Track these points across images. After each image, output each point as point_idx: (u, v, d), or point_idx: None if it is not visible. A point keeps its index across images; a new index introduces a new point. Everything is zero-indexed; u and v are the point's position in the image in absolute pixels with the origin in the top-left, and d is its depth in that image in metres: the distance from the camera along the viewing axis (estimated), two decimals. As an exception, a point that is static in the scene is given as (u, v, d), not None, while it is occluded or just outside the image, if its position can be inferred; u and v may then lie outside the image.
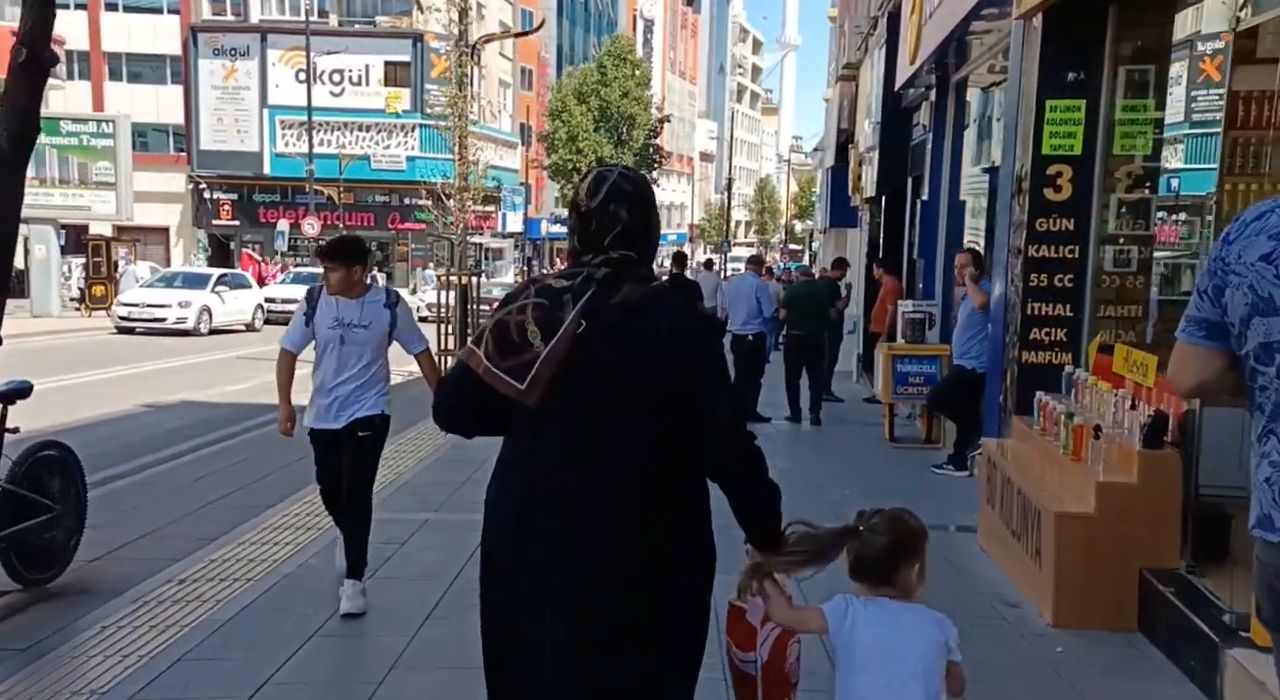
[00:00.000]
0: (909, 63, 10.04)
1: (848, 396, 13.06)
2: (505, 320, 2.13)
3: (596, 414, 2.09)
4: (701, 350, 2.14)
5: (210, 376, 14.73)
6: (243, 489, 7.02)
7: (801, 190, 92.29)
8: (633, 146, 31.91)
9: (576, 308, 2.09)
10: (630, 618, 2.10)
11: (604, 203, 2.16)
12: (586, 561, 2.08)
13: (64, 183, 24.06)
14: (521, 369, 2.07)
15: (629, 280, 2.14)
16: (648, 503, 2.10)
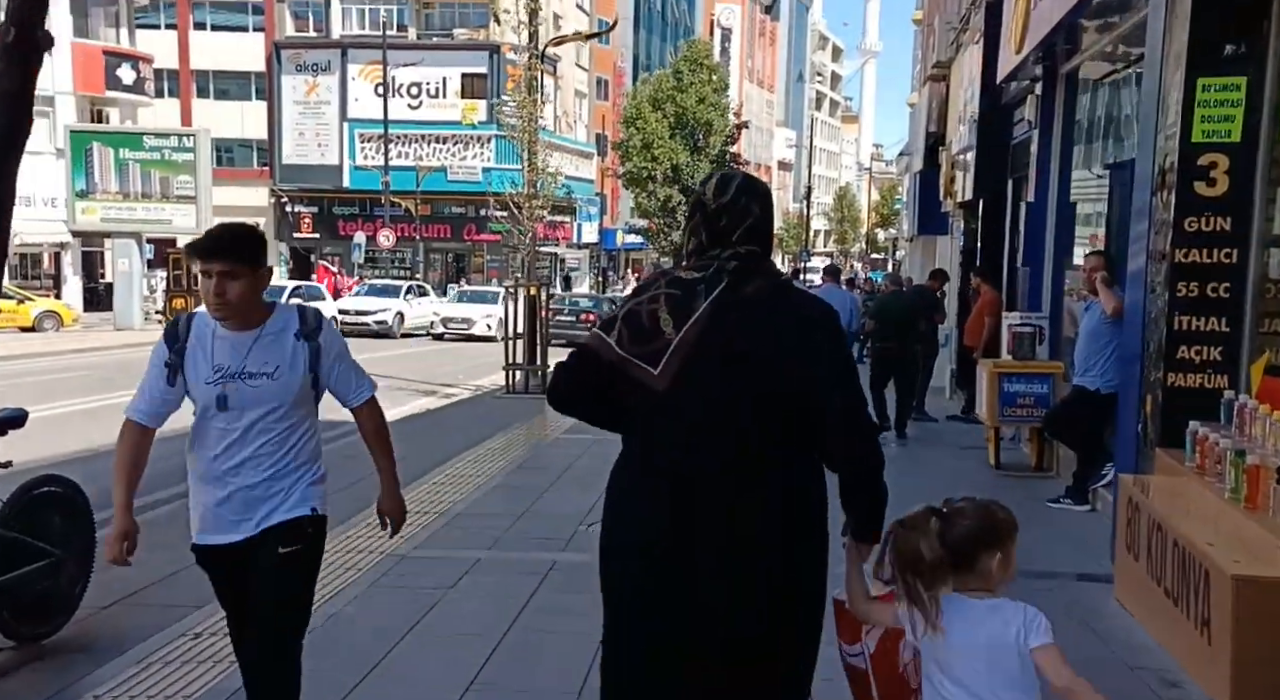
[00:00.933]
0: (1014, 52, 9.14)
1: (942, 414, 12.13)
2: (637, 309, 2.22)
3: (725, 401, 2.16)
4: (828, 343, 2.21)
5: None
6: (284, 520, 6.46)
7: (883, 198, 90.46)
8: (709, 153, 31.16)
9: (709, 298, 2.16)
10: (756, 584, 2.18)
11: (735, 198, 2.24)
12: (713, 544, 2.17)
13: (146, 197, 24.31)
14: (654, 355, 2.17)
15: (758, 274, 2.22)
16: (771, 507, 2.17)
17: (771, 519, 2.17)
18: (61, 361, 17.71)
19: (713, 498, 2.17)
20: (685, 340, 2.16)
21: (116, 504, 3.02)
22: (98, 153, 24.08)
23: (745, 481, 2.17)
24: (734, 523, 2.16)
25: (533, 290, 13.72)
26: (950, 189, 15.53)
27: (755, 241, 2.25)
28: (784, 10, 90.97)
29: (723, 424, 2.16)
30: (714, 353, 2.15)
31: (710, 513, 2.17)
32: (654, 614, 2.21)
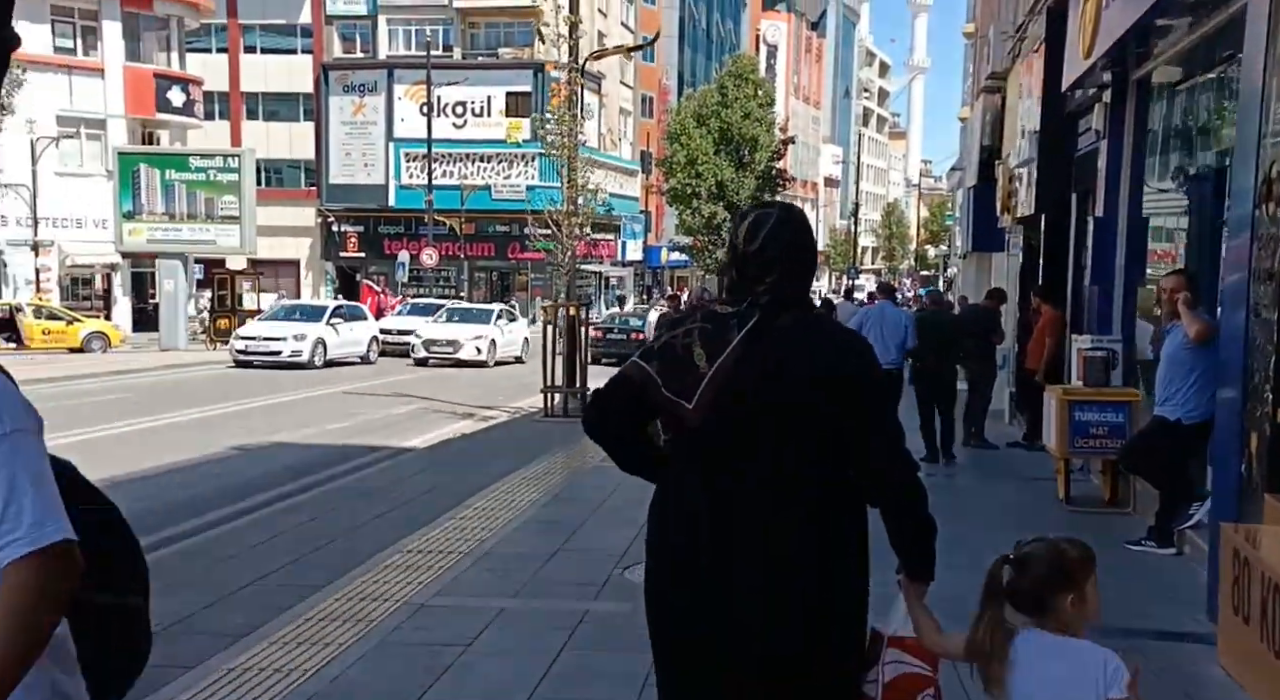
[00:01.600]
0: (1082, 56, 8.55)
1: (1002, 440, 11.48)
2: (672, 343, 2.25)
3: (760, 436, 2.17)
4: (863, 376, 2.21)
5: (314, 413, 14.14)
6: (298, 561, 6.05)
7: (933, 214, 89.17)
8: (754, 169, 30.53)
9: (742, 333, 2.19)
10: (792, 602, 2.17)
11: (762, 248, 2.25)
12: (750, 561, 2.17)
13: (191, 217, 24.38)
14: (688, 389, 2.18)
15: (791, 308, 2.23)
16: (806, 525, 2.17)
17: (807, 537, 2.18)
18: (100, 384, 17.64)
19: (749, 514, 2.18)
20: (719, 373, 2.18)
21: None
22: (144, 174, 24.19)
23: (781, 499, 2.17)
24: (769, 540, 2.17)
25: (572, 310, 13.29)
26: (1008, 204, 14.85)
27: (788, 281, 2.25)
28: (830, 26, 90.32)
29: (756, 445, 2.17)
30: (747, 383, 2.17)
31: (747, 529, 2.18)
32: (692, 628, 2.22)
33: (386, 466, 9.71)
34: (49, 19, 30.16)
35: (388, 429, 12.78)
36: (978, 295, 23.21)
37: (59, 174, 29.82)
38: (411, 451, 10.97)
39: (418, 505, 7.74)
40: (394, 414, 14.25)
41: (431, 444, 11.48)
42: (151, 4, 31.87)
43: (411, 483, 8.69)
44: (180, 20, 33.42)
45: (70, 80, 30.53)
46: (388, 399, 16.05)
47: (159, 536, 6.72)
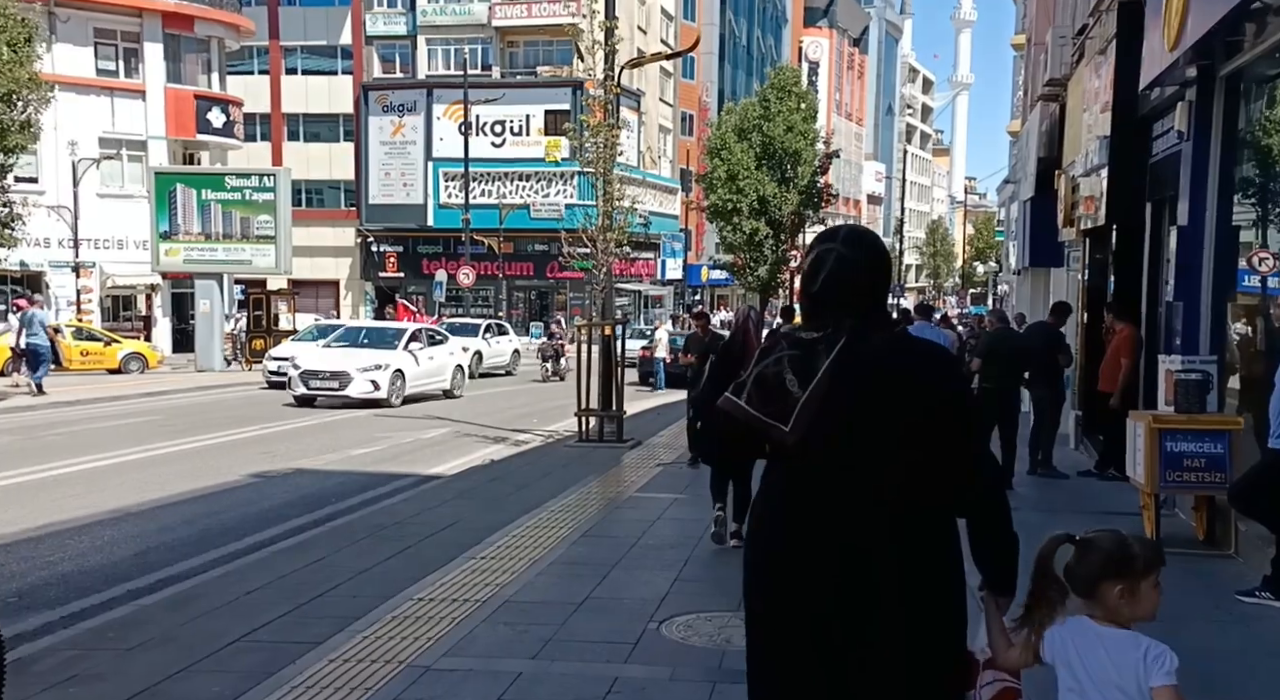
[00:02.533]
0: (1168, 48, 7.76)
1: (1071, 469, 10.63)
2: (764, 373, 2.31)
3: (854, 455, 2.22)
4: (950, 392, 2.27)
5: (340, 436, 13.60)
6: (296, 610, 5.41)
7: (979, 231, 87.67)
8: (797, 184, 29.68)
9: (831, 356, 2.24)
10: (893, 632, 2.21)
11: (823, 290, 2.31)
12: (851, 595, 2.21)
13: (227, 237, 24.14)
14: (784, 413, 2.24)
15: (874, 328, 2.28)
16: (901, 539, 2.21)
17: (903, 553, 2.22)
18: (130, 406, 17.27)
19: (847, 527, 2.23)
20: (812, 397, 2.23)
21: None
22: (181, 194, 24.02)
23: (878, 514, 2.23)
24: (866, 553, 2.22)
25: (607, 330, 12.63)
26: (1070, 216, 13.99)
27: (863, 306, 2.30)
28: (872, 43, 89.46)
29: (853, 463, 2.23)
30: (842, 404, 2.22)
31: (845, 540, 2.23)
32: (817, 678, 2.25)
33: (409, 497, 9.09)
34: (92, 42, 30.34)
35: (415, 454, 12.20)
36: (1034, 312, 22.25)
37: (100, 195, 29.89)
38: (437, 479, 10.34)
39: (436, 543, 7.09)
40: (423, 438, 13.67)
41: (459, 471, 10.86)
42: (193, 26, 31.95)
43: (432, 516, 8.05)
44: (221, 42, 33.50)
45: (112, 102, 30.66)
46: (418, 422, 15.49)
47: (149, 580, 6.15)
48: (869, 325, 2.27)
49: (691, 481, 9.72)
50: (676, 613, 5.35)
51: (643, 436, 12.93)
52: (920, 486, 2.21)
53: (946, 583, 2.26)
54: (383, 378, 17.36)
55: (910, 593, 2.20)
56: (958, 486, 2.24)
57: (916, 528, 2.22)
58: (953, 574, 2.28)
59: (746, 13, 60.69)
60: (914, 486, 2.20)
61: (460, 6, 43.62)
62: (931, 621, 2.23)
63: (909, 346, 2.30)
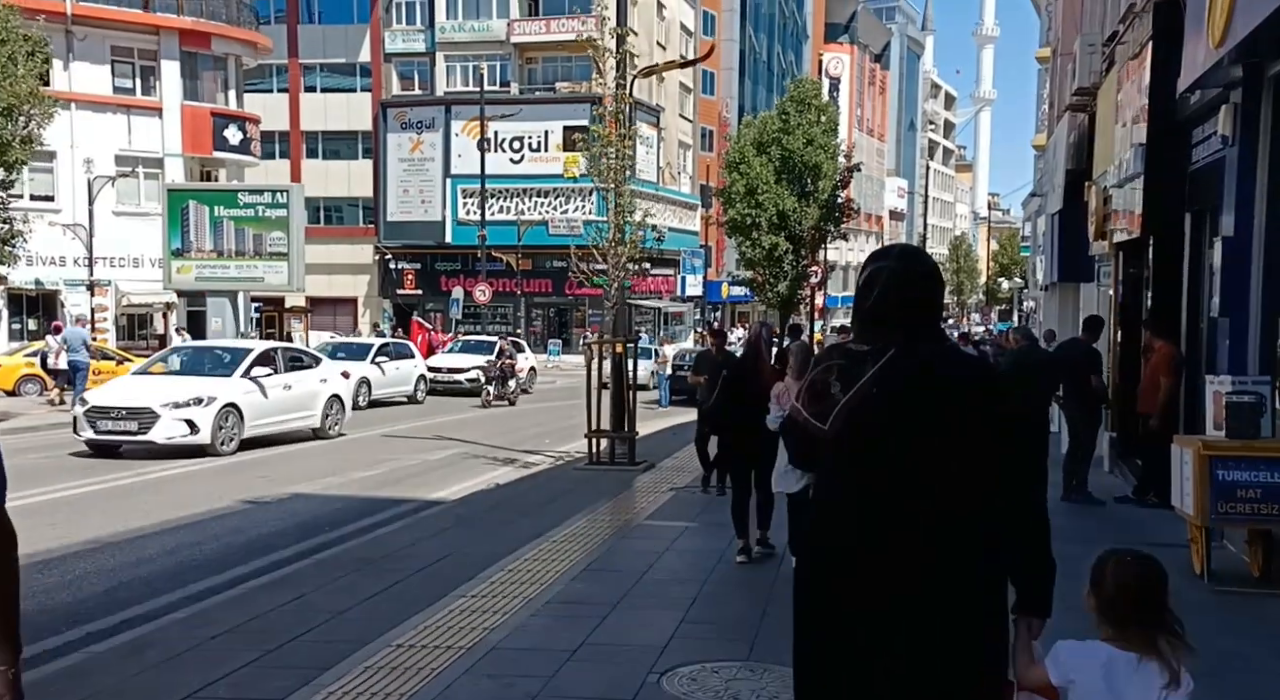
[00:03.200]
0: (1212, 45, 7.23)
1: (1108, 494, 10.04)
2: (815, 378, 2.43)
3: (898, 462, 2.26)
4: (992, 407, 2.29)
5: (345, 459, 13.17)
6: (260, 660, 4.91)
7: (1003, 247, 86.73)
8: (818, 198, 29.07)
9: (876, 366, 2.31)
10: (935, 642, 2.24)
11: (874, 306, 2.37)
12: (898, 594, 2.24)
13: (240, 254, 23.88)
14: (824, 414, 2.36)
15: (920, 342, 2.34)
16: (935, 549, 2.23)
17: (936, 558, 2.24)
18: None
19: (882, 524, 2.27)
20: (851, 402, 2.30)
21: None
22: (193, 211, 23.81)
23: (910, 518, 2.25)
24: (900, 556, 2.25)
25: (619, 348, 12.16)
26: (1102, 229, 13.41)
27: (915, 321, 2.35)
28: (894, 58, 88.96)
29: (897, 483, 2.26)
30: (882, 414, 2.27)
31: (909, 586, 2.24)
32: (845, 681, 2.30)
33: (405, 525, 8.62)
34: (109, 60, 30.31)
35: (419, 477, 11.74)
36: (1062, 329, 21.58)
37: (117, 213, 29.77)
38: (438, 505, 9.89)
39: (425, 579, 6.61)
40: (429, 460, 13.22)
41: (461, 496, 10.39)
42: (209, 43, 31.89)
43: (425, 547, 7.58)
44: (238, 59, 33.44)
45: (129, 120, 30.59)
46: (426, 443, 15.05)
47: (112, 621, 5.71)
48: (917, 339, 2.32)
49: (704, 508, 9.22)
50: (680, 662, 4.84)
51: (656, 458, 12.43)
52: (956, 498, 2.24)
53: (978, 599, 2.25)
54: (205, 417, 12.87)
55: (940, 605, 2.21)
56: (996, 501, 2.26)
57: (953, 540, 2.23)
58: (986, 591, 2.27)
59: (767, 28, 60.39)
60: (949, 498, 2.23)
61: (479, 23, 43.52)
62: (959, 637, 2.22)
63: (955, 361, 2.34)
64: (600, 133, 12.01)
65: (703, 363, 10.36)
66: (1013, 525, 2.28)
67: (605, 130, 11.90)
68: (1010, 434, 2.29)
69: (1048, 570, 2.32)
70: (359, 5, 44.64)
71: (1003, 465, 2.26)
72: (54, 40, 29.62)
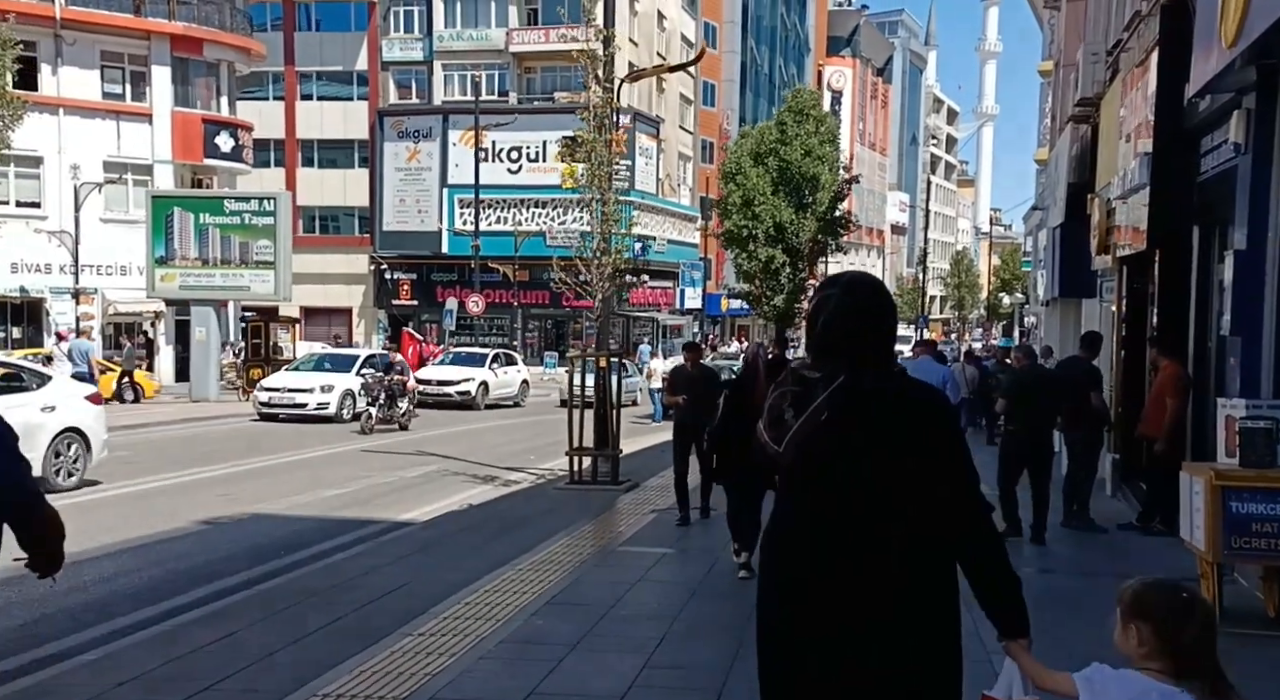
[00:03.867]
0: (1225, 45, 6.78)
1: (1110, 520, 9.55)
2: (772, 403, 2.47)
3: (850, 486, 2.32)
4: (942, 429, 2.37)
5: (318, 475, 12.67)
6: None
7: (1004, 262, 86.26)
8: (816, 210, 28.55)
9: (826, 392, 2.35)
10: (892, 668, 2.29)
11: (824, 332, 2.42)
12: (848, 622, 2.30)
13: (225, 263, 23.41)
14: (779, 438, 2.40)
15: (870, 368, 2.37)
16: (899, 572, 2.29)
17: (890, 581, 2.28)
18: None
19: (836, 548, 2.32)
20: (803, 427, 2.35)
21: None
22: (178, 218, 23.35)
23: (864, 540, 2.30)
24: (857, 577, 2.29)
25: (603, 361, 11.67)
26: (1105, 242, 12.94)
27: (865, 349, 2.38)
28: (896, 72, 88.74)
29: (851, 507, 2.31)
30: (834, 439, 2.32)
31: (838, 563, 2.32)
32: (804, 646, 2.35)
33: (365, 550, 8.13)
34: (99, 65, 29.93)
35: (391, 496, 11.25)
36: (1063, 346, 21.10)
37: (105, 220, 29.34)
38: (406, 527, 9.39)
39: (373, 613, 6.11)
40: (406, 477, 12.73)
41: (433, 517, 9.89)
42: (201, 49, 31.52)
43: (381, 576, 7.07)
44: (231, 65, 33.06)
45: (118, 125, 30.19)
46: (406, 458, 14.56)
47: (12, 665, 5.19)
48: (865, 366, 2.35)
49: (684, 533, 8.72)
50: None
51: (641, 477, 11.94)
52: (909, 519, 2.29)
53: (928, 622, 2.31)
54: None
55: (893, 629, 2.27)
56: (948, 523, 2.31)
57: (902, 564, 2.28)
58: (937, 613, 2.32)
59: (768, 41, 60.13)
60: (899, 523, 2.29)
61: (477, 32, 43.23)
62: (914, 660, 2.28)
63: (902, 387, 2.39)
64: (585, 138, 11.56)
65: (679, 380, 9.76)
66: (969, 550, 2.33)
67: (590, 135, 11.44)
68: (957, 457, 2.33)
69: (1014, 586, 2.35)
70: (357, 13, 44.36)
71: (950, 486, 2.30)
72: (43, 44, 29.33)
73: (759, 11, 57.84)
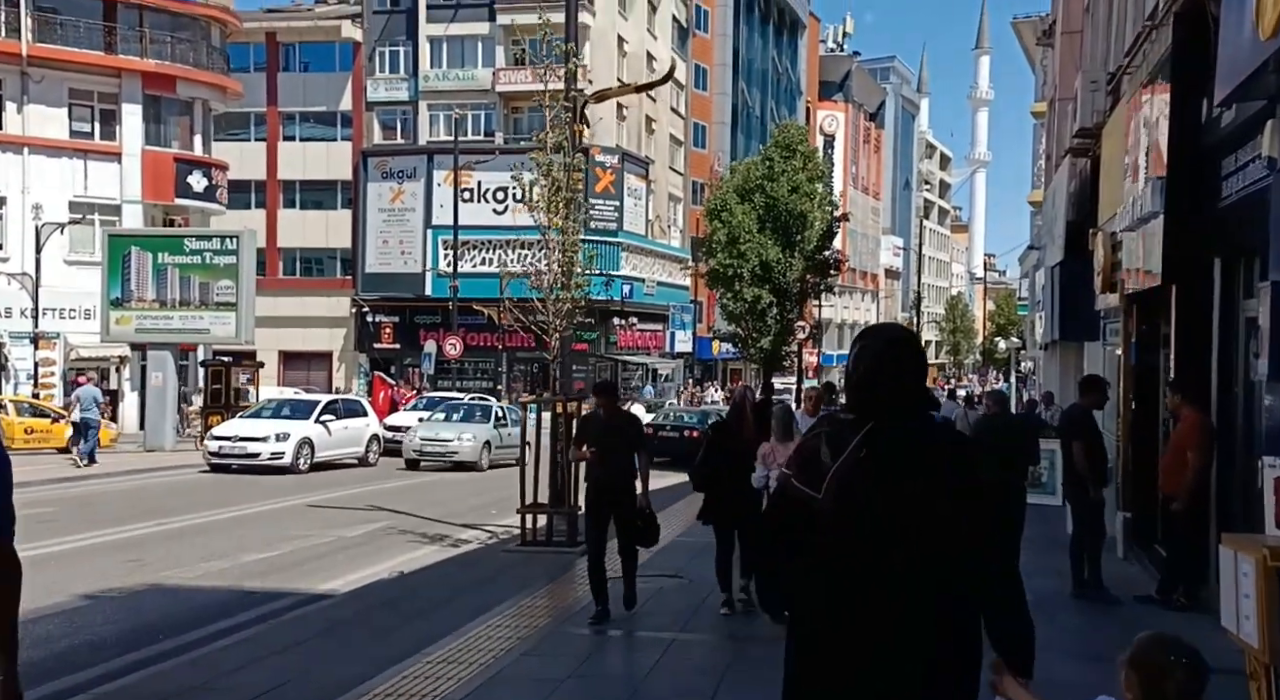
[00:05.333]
0: (1263, 36, 5.77)
1: (1125, 590, 8.40)
2: (804, 445, 2.67)
3: (883, 528, 2.39)
4: (969, 476, 2.46)
5: (245, 536, 11.46)
6: None
7: (999, 307, 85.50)
8: (804, 249, 27.44)
9: (859, 436, 2.48)
10: None
11: (863, 379, 2.52)
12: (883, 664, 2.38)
13: (184, 304, 22.28)
14: (817, 482, 2.50)
15: (905, 415, 2.49)
16: (925, 605, 2.38)
17: (918, 626, 2.37)
18: (36, 495, 15.02)
19: (870, 594, 2.39)
20: (841, 469, 2.44)
21: None
22: (135, 258, 22.27)
23: (897, 585, 2.37)
24: (887, 623, 2.38)
25: (559, 407, 10.54)
26: (1109, 280, 11.90)
27: (896, 399, 2.49)
28: (889, 117, 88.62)
29: (877, 535, 2.38)
30: (868, 480, 2.41)
31: (870, 608, 2.39)
32: None
33: (259, 633, 6.94)
34: (66, 103, 29.11)
35: (320, 561, 10.06)
36: (1063, 392, 20.02)
37: (69, 262, 28.31)
38: (323, 601, 8.20)
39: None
40: (345, 537, 11.54)
41: (356, 588, 8.70)
42: (174, 87, 30.74)
43: (257, 672, 5.88)
44: (205, 103, 32.26)
45: (85, 164, 29.30)
46: (355, 514, 13.37)
47: None
48: (901, 412, 2.48)
49: (634, 613, 7.51)
50: None
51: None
52: (938, 565, 2.37)
53: (954, 659, 2.40)
54: None
55: (920, 666, 2.35)
56: (972, 569, 2.39)
57: (933, 603, 2.36)
58: (962, 651, 2.41)
59: (760, 84, 59.78)
60: (932, 563, 2.36)
61: (464, 72, 42.65)
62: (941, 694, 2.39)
63: (932, 433, 2.52)
64: (540, 160, 10.56)
65: (589, 429, 7.61)
66: (988, 592, 2.42)
67: (545, 158, 10.44)
68: (981, 503, 2.43)
69: (1027, 632, 2.45)
70: (342, 53, 43.80)
71: (975, 533, 2.38)
72: (8, 81, 28.52)
73: (750, 54, 57.53)
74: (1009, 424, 9.70)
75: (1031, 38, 31.50)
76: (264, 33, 43.18)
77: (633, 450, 7.39)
